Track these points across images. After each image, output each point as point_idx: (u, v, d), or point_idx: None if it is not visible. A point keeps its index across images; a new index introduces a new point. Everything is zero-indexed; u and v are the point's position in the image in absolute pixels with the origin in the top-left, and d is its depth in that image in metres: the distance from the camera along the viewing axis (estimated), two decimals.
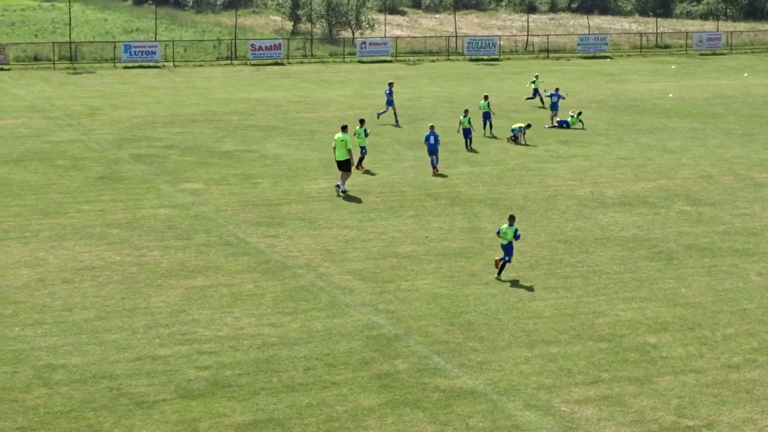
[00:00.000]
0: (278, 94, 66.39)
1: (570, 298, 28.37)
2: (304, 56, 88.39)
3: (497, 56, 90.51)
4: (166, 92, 66.93)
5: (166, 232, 34.05)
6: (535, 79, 63.16)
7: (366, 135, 43.84)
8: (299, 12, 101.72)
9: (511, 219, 30.05)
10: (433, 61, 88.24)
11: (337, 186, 39.51)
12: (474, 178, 42.39)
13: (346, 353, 24.26)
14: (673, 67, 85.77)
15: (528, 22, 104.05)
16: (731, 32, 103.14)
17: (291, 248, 32.49)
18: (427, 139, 43.36)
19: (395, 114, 56.06)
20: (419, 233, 34.42)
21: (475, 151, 48.23)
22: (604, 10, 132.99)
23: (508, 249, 29.86)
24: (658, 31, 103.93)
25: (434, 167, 43.34)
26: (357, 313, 26.88)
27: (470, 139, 48.70)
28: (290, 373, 23.08)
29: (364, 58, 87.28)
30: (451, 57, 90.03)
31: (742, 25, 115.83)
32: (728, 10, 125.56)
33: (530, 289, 29.00)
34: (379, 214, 36.69)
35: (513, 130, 50.28)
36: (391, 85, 57.93)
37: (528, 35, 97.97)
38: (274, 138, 50.98)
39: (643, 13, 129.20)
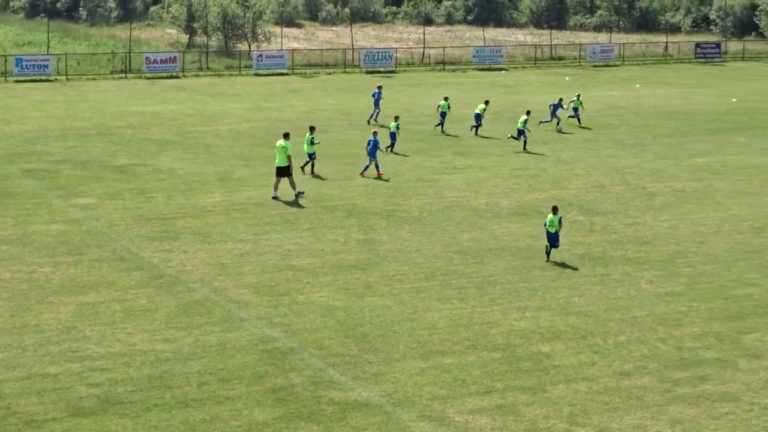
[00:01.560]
0: (173, 108, 65.84)
1: (465, 308, 28.52)
2: (200, 69, 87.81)
3: (394, 68, 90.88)
4: (58, 106, 65.98)
5: (57, 248, 33.52)
6: (575, 98, 62.19)
7: (312, 143, 44.89)
8: (195, 25, 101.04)
9: (555, 209, 33.00)
10: (330, 73, 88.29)
11: (274, 197, 40.26)
12: (370, 190, 42.46)
13: (241, 367, 24.10)
14: (566, 78, 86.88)
15: (424, 34, 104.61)
16: (624, 44, 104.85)
17: (185, 262, 32.20)
18: (368, 143, 44.93)
19: (374, 114, 59.62)
20: (315, 246, 34.35)
21: (399, 154, 50.15)
22: (500, 23, 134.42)
23: (555, 237, 32.77)
24: (553, 43, 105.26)
25: (363, 171, 45.00)
26: (252, 327, 26.72)
27: (393, 144, 50.64)
28: (184, 389, 22.85)
29: (261, 71, 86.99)
30: (347, 69, 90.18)
31: (634, 37, 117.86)
32: (620, 22, 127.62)
33: (425, 300, 29.11)
34: (275, 227, 36.55)
35: (520, 130, 52.66)
36: (380, 88, 60.69)
37: (424, 47, 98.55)
38: (169, 152, 50.52)
39: (538, 25, 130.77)
